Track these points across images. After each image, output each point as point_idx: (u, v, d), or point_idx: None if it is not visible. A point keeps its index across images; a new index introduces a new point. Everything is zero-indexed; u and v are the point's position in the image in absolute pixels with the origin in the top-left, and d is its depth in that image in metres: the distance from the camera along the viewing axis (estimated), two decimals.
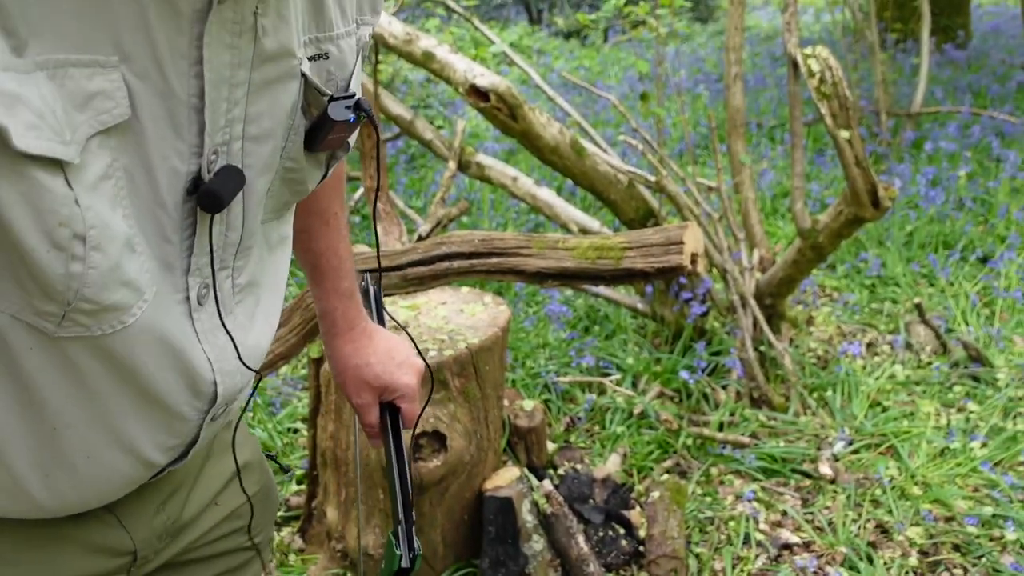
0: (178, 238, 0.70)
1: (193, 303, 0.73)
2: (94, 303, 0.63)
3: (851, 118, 2.44)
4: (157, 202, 0.67)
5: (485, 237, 1.84)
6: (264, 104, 0.71)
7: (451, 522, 2.06)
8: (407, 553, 0.95)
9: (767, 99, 6.42)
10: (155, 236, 0.68)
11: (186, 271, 0.72)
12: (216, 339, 0.76)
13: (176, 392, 0.75)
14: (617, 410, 2.75)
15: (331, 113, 0.77)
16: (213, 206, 0.69)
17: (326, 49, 0.77)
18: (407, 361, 1.07)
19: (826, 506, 2.36)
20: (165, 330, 0.71)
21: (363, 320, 1.09)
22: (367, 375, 1.05)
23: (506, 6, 15.04)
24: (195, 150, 0.67)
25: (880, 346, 3.21)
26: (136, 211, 0.65)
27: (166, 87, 0.63)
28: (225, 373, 0.78)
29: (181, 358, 0.73)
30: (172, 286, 0.71)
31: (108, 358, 0.68)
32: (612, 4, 3.54)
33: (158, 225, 0.68)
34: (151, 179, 0.65)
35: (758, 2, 13.29)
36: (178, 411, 0.76)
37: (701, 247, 1.80)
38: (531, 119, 2.53)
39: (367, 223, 4.47)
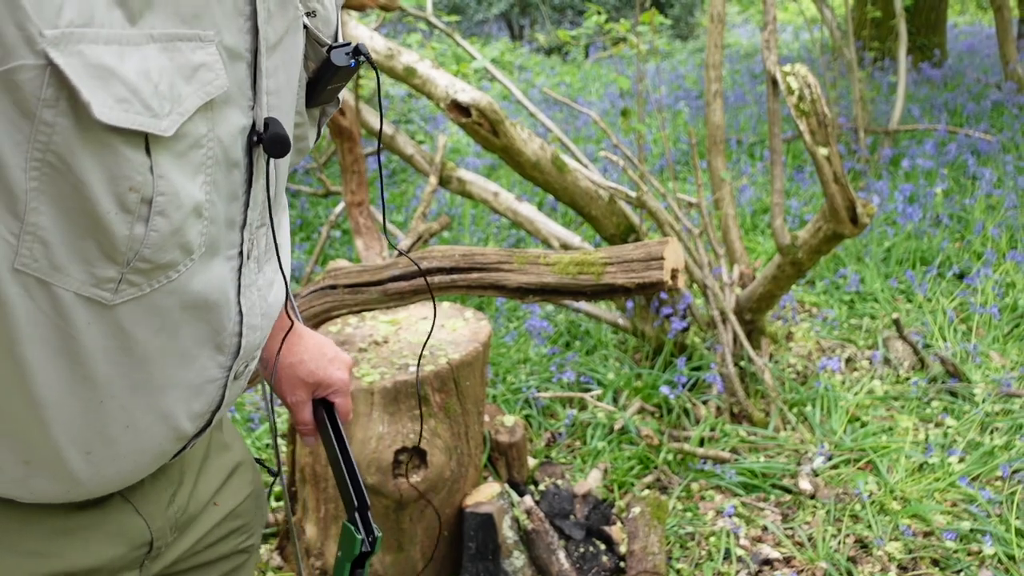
0: (241, 193, 0.74)
1: (245, 257, 0.78)
2: (150, 263, 0.67)
3: (830, 135, 2.46)
4: (234, 162, 0.71)
5: (466, 252, 1.84)
6: (281, 56, 0.75)
7: (431, 539, 2.05)
8: (367, 537, 0.96)
9: (747, 116, 6.47)
10: (229, 196, 0.72)
11: (242, 226, 0.76)
12: (251, 293, 0.81)
13: (202, 344, 0.77)
14: (598, 425, 2.75)
15: (334, 59, 0.82)
16: (281, 150, 0.73)
17: (314, 7, 0.81)
18: (337, 357, 1.09)
19: (806, 521, 2.36)
20: (209, 284, 0.74)
21: (295, 320, 1.11)
22: (300, 372, 1.06)
23: (488, 22, 15.11)
24: (250, 103, 0.72)
25: (859, 361, 3.23)
26: (219, 175, 0.69)
27: (236, 49, 0.68)
28: (250, 327, 0.82)
29: (216, 311, 0.77)
30: (230, 242, 0.75)
31: (154, 314, 0.71)
32: (593, 21, 3.57)
33: (232, 185, 0.72)
34: (233, 141, 0.70)
35: (738, 20, 13.43)
36: (206, 368, 0.79)
37: (681, 263, 1.80)
38: (512, 134, 2.54)
39: (348, 237, 4.46)
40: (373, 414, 1.90)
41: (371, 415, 1.90)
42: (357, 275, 1.88)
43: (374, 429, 1.90)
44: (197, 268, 0.72)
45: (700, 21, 13.69)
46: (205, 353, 0.78)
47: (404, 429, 1.91)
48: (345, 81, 0.86)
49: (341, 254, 4.35)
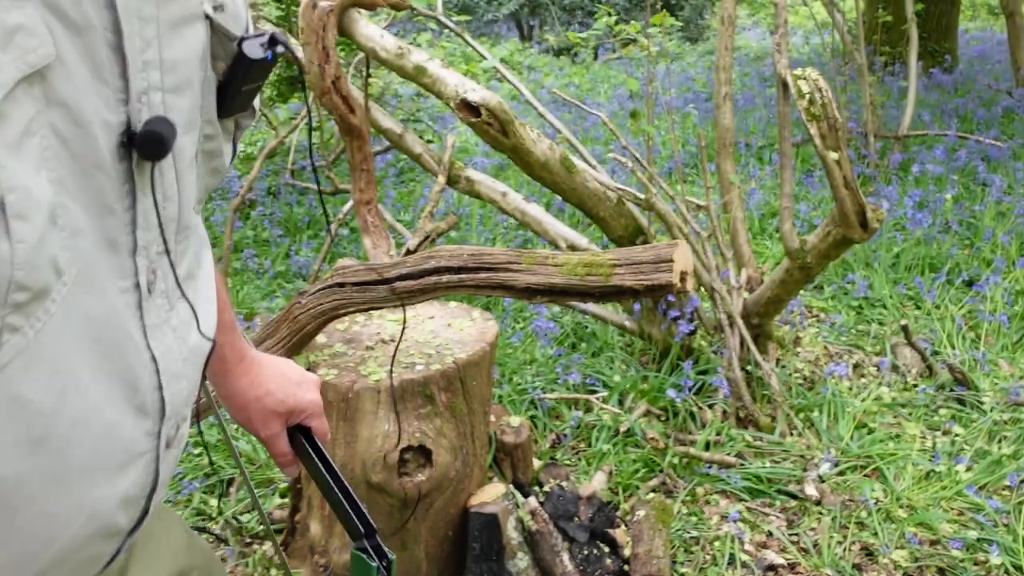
0: (120, 207, 0.62)
1: (143, 290, 0.66)
2: (27, 289, 0.54)
3: (840, 139, 2.45)
4: (95, 163, 0.59)
5: (474, 252, 1.83)
6: (176, 49, 0.65)
7: (435, 538, 2.05)
8: (380, 563, 0.94)
9: (756, 119, 6.46)
10: (95, 206, 0.60)
11: (132, 250, 0.64)
12: (163, 335, 0.69)
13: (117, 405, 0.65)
14: (603, 428, 2.74)
15: (247, 51, 0.72)
16: (155, 151, 0.62)
17: (221, 1, 0.72)
18: (304, 379, 1.04)
19: (811, 527, 2.35)
20: (101, 318, 0.62)
21: (250, 349, 1.03)
22: (270, 403, 1.00)
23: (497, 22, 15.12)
24: (120, 96, 0.60)
25: (866, 368, 3.21)
26: (70, 175, 0.57)
27: (84, 22, 0.56)
28: (171, 376, 0.70)
29: (122, 358, 0.64)
30: (118, 269, 0.63)
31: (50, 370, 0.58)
32: (603, 22, 3.56)
33: (98, 192, 0.60)
34: (85, 134, 0.58)
35: (748, 23, 13.41)
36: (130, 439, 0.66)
37: (691, 265, 1.80)
38: (521, 135, 2.53)
39: (356, 235, 4.46)
40: (379, 412, 1.90)
41: (377, 414, 1.90)
42: (365, 273, 1.87)
43: (380, 428, 1.89)
44: (78, 297, 0.59)
45: (710, 23, 13.68)
46: (126, 418, 0.65)
47: (410, 428, 1.90)
48: (261, 80, 0.76)
49: (349, 253, 4.35)
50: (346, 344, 2.11)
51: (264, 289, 4.08)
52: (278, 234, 4.74)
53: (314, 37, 2.53)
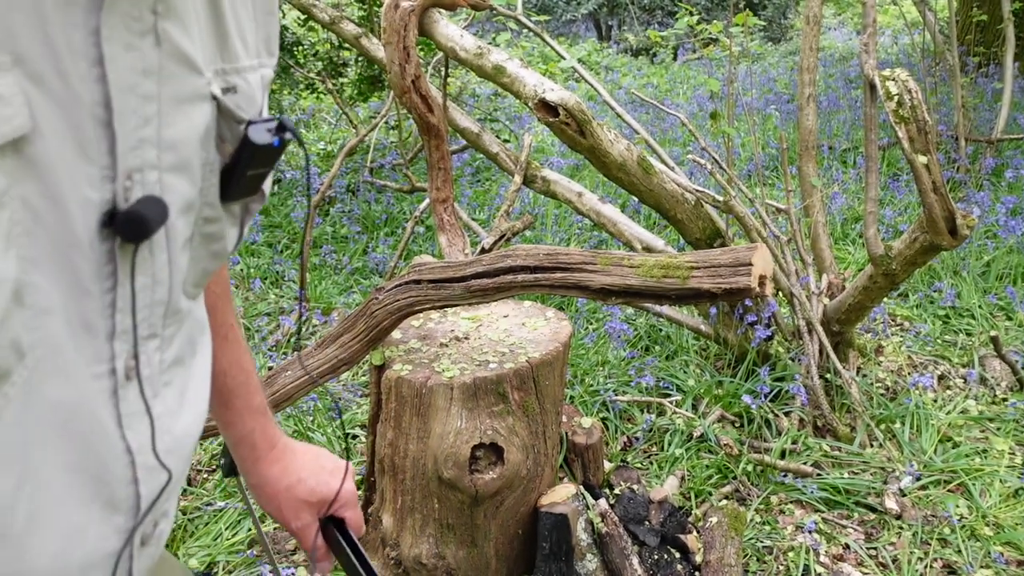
0: (98, 289, 0.57)
1: (120, 377, 0.61)
2: None
3: (929, 143, 2.37)
4: (70, 242, 0.54)
5: (550, 251, 1.83)
6: (179, 128, 0.62)
7: (505, 536, 2.05)
8: None
9: (840, 121, 6.30)
10: (70, 286, 0.55)
11: (111, 334, 0.59)
12: (141, 425, 0.63)
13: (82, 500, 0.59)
14: (676, 432, 2.71)
15: (253, 136, 0.68)
16: (136, 233, 0.57)
17: (234, 83, 0.68)
18: (338, 466, 1.00)
19: (891, 542, 2.28)
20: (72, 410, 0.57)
21: (281, 435, 1.00)
22: (301, 492, 0.97)
23: (576, 22, 15.09)
24: (106, 173, 0.56)
25: (952, 379, 3.10)
26: (42, 253, 0.53)
27: (67, 94, 0.52)
28: (148, 469, 0.64)
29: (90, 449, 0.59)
30: (92, 353, 0.58)
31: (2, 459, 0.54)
32: (684, 22, 3.52)
33: (73, 272, 0.55)
34: (61, 212, 0.53)
35: (833, 23, 13.08)
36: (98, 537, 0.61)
37: (770, 270, 1.76)
38: (599, 135, 2.52)
39: (432, 233, 4.51)
40: (452, 409, 1.91)
41: (450, 410, 1.92)
42: (441, 271, 1.89)
43: (452, 424, 1.91)
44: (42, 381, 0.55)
45: (794, 23, 13.39)
46: (93, 514, 0.60)
47: (482, 425, 1.91)
48: (270, 166, 0.71)
49: (424, 250, 4.40)
50: (421, 340, 2.14)
51: (342, 285, 4.16)
52: (356, 231, 4.82)
53: (395, 37, 2.57)
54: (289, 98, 6.95)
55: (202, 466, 2.69)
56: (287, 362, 2.05)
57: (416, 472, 1.98)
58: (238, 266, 4.35)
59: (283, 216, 5.05)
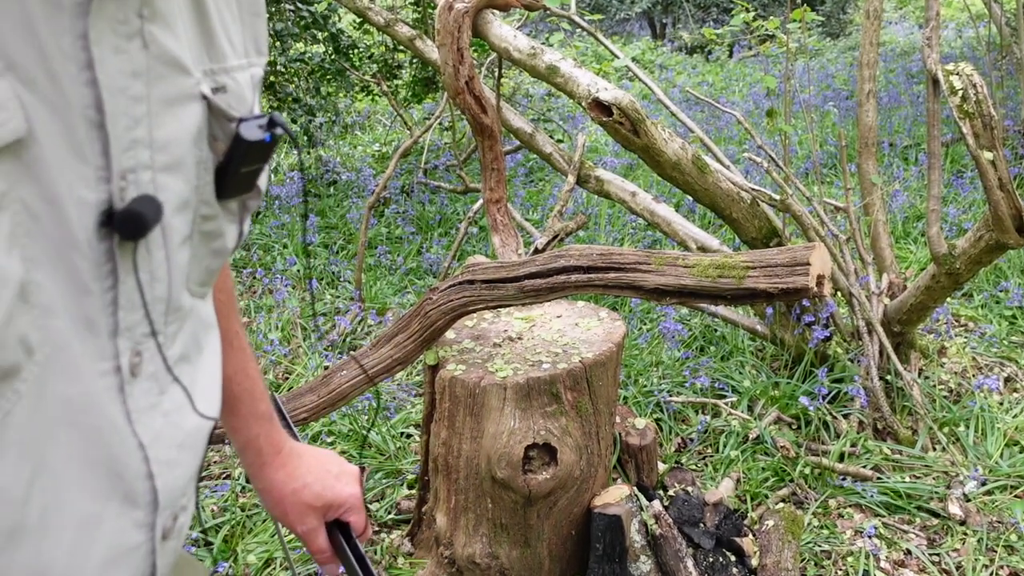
0: (99, 287, 0.59)
1: (125, 374, 0.62)
2: None
3: (995, 138, 2.31)
4: (69, 242, 0.56)
5: (604, 252, 1.83)
6: (169, 128, 0.63)
7: (558, 536, 2.05)
8: None
9: (901, 117, 6.15)
10: (71, 287, 0.57)
11: (113, 332, 0.61)
12: (152, 421, 0.65)
13: (97, 495, 0.61)
14: (731, 434, 2.68)
15: (244, 133, 0.69)
16: (134, 230, 0.59)
17: (223, 82, 0.70)
18: (344, 471, 1.01)
19: (954, 548, 2.23)
20: (76, 403, 0.59)
21: (287, 440, 1.01)
22: (307, 497, 0.98)
23: (629, 21, 15.00)
24: (101, 174, 0.57)
25: (1020, 381, 3.01)
26: (43, 253, 0.55)
27: (59, 98, 0.54)
28: (163, 463, 0.65)
29: (103, 445, 0.60)
30: (97, 351, 0.60)
31: (19, 456, 0.55)
32: (740, 19, 3.47)
33: (73, 272, 0.57)
34: (58, 213, 0.55)
35: (894, 17, 12.80)
36: (118, 532, 0.62)
37: (828, 269, 1.73)
38: (653, 134, 2.51)
39: (485, 234, 4.53)
40: (505, 409, 1.92)
41: (503, 410, 1.92)
42: (494, 271, 1.90)
43: (505, 424, 1.92)
44: (51, 378, 0.56)
45: (853, 18, 13.12)
46: (111, 509, 0.61)
47: (535, 425, 1.92)
48: (263, 162, 0.72)
49: (478, 250, 4.42)
50: (474, 340, 2.15)
51: (396, 285, 4.20)
52: (410, 231, 4.87)
53: (449, 38, 2.58)
54: (345, 100, 7.04)
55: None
56: (342, 362, 2.07)
57: (470, 472, 1.99)
58: (294, 267, 4.43)
59: (339, 217, 5.12)
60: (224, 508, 2.46)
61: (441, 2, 2.63)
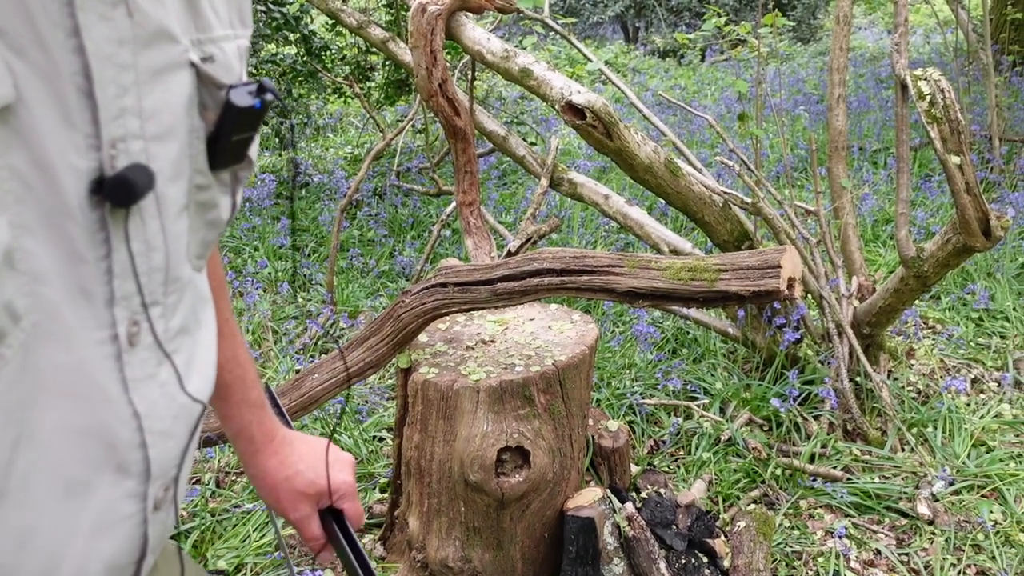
0: (93, 256, 0.59)
1: (123, 343, 0.62)
2: None
3: (962, 143, 2.34)
4: (62, 210, 0.56)
5: (577, 254, 1.83)
6: (157, 97, 0.63)
7: (531, 539, 2.05)
8: None
9: (870, 122, 6.23)
10: (65, 255, 0.57)
11: (109, 301, 0.61)
12: (148, 391, 0.65)
13: (87, 463, 0.61)
14: (703, 435, 2.69)
15: (234, 99, 0.69)
16: (124, 197, 0.59)
17: (210, 52, 0.70)
18: (337, 459, 1.00)
19: (923, 548, 2.25)
20: (74, 375, 0.59)
21: (279, 427, 1.00)
22: (300, 484, 0.97)
23: (602, 24, 15.06)
24: (91, 141, 0.58)
25: (986, 383, 3.05)
26: (35, 220, 0.55)
27: (48, 64, 0.54)
28: (157, 434, 0.66)
29: (95, 413, 0.61)
30: (93, 320, 0.60)
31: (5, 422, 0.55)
32: (712, 23, 3.50)
33: (67, 240, 0.57)
34: (51, 181, 0.55)
35: (863, 22, 12.96)
36: (110, 501, 0.63)
37: (799, 272, 1.75)
38: (626, 137, 2.51)
39: (458, 236, 4.52)
40: (478, 412, 1.92)
41: (476, 413, 1.92)
42: (467, 274, 1.89)
43: (478, 427, 1.91)
44: (41, 345, 0.56)
45: (823, 23, 13.27)
46: (104, 479, 0.62)
47: (508, 428, 1.91)
48: (253, 130, 0.72)
49: (451, 253, 4.41)
50: (447, 343, 2.14)
51: (368, 288, 4.18)
52: (383, 234, 4.85)
53: (422, 41, 2.57)
54: (317, 102, 7.00)
55: (230, 468, 2.71)
56: (314, 365, 2.06)
57: (442, 475, 1.98)
58: (266, 269, 4.39)
59: (311, 220, 5.09)
60: (194, 513, 2.43)
61: (414, 4, 2.62)
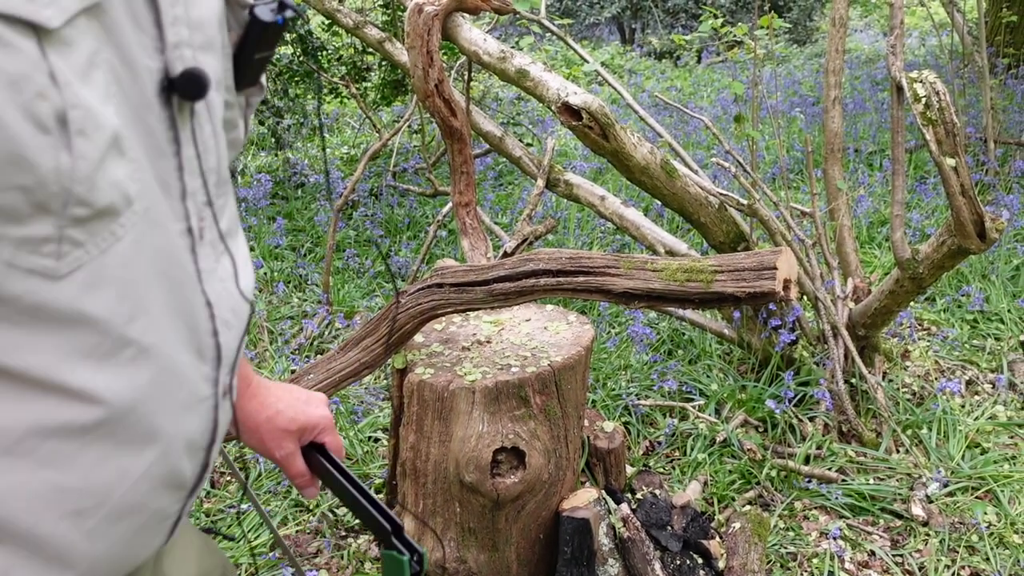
0: (169, 151, 0.65)
1: (196, 235, 0.68)
2: (87, 205, 0.56)
3: (958, 145, 2.34)
4: (145, 104, 0.62)
5: (573, 255, 1.83)
6: (202, 10, 0.68)
7: (526, 540, 2.05)
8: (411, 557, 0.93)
9: (866, 124, 6.24)
10: (151, 147, 0.63)
11: (182, 195, 0.67)
12: (214, 283, 0.71)
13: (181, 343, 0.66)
14: (699, 437, 2.69)
15: (259, 14, 0.74)
16: (195, 90, 0.64)
17: None
18: (312, 397, 1.04)
19: (917, 549, 2.26)
20: (169, 259, 0.65)
21: (255, 374, 1.04)
22: (281, 423, 1.01)
23: (599, 26, 15.07)
24: (157, 44, 0.62)
25: (981, 384, 3.06)
26: (129, 114, 0.60)
27: None
28: (223, 323, 0.72)
29: (185, 298, 0.66)
30: (173, 212, 0.66)
31: (117, 293, 0.60)
32: (709, 25, 3.50)
33: (151, 134, 0.63)
34: (135, 77, 0.61)
35: (859, 25, 12.98)
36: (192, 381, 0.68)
37: (795, 273, 1.75)
38: (622, 139, 2.51)
39: (454, 237, 4.51)
40: (473, 413, 1.91)
41: (471, 414, 1.92)
42: (463, 274, 1.89)
43: (474, 428, 1.91)
44: (147, 229, 0.62)
45: (819, 25, 13.29)
46: (188, 359, 0.68)
47: (504, 429, 1.91)
48: (271, 48, 0.77)
49: (447, 254, 4.41)
50: (443, 344, 2.14)
51: (364, 288, 4.18)
52: (379, 234, 4.84)
53: (419, 41, 2.57)
54: (313, 102, 7.00)
55: (223, 468, 2.71)
56: (310, 365, 2.06)
57: (438, 476, 1.98)
58: (261, 269, 4.38)
59: (306, 220, 5.08)
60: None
61: (411, 5, 2.62)
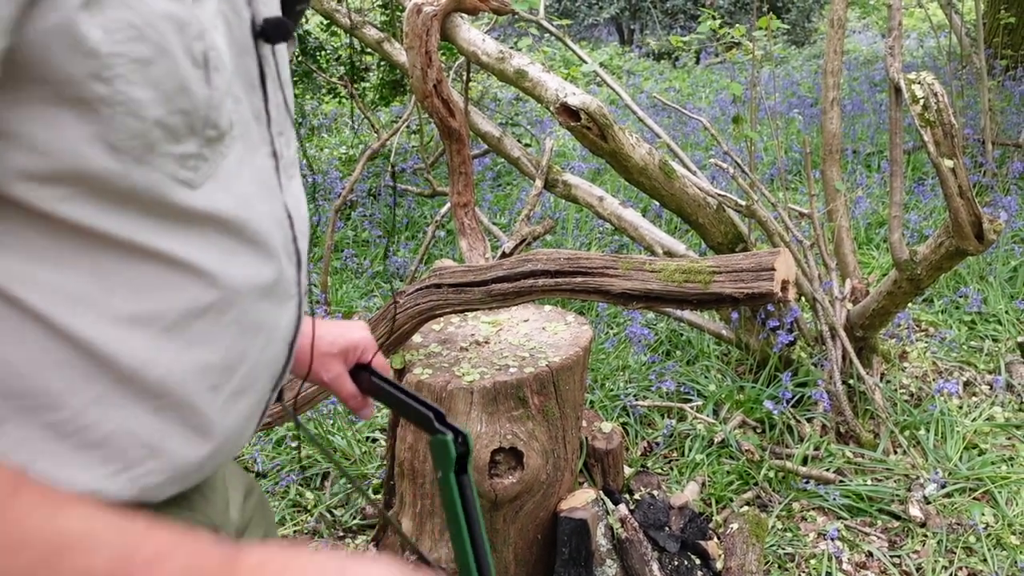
0: (258, 85, 0.74)
1: (279, 156, 0.78)
2: (215, 127, 0.67)
3: (955, 147, 2.35)
4: (244, 46, 0.71)
5: (571, 256, 1.83)
6: None
7: (524, 540, 2.05)
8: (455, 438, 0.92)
9: (864, 125, 6.24)
10: (247, 82, 0.72)
11: (268, 123, 0.76)
12: (290, 196, 0.80)
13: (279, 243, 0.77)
14: (697, 437, 2.69)
15: None
16: (282, 34, 0.73)
17: None
18: (351, 322, 1.08)
19: (915, 550, 2.26)
20: (262, 172, 0.75)
21: None
22: (324, 346, 1.04)
23: (598, 26, 15.07)
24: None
25: (978, 386, 3.06)
26: (236, 54, 0.70)
27: None
28: (300, 232, 0.81)
29: (275, 204, 0.77)
30: (261, 137, 0.75)
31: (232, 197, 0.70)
32: (707, 26, 3.51)
33: (248, 71, 0.72)
34: (240, 20, 0.70)
35: (858, 26, 13.00)
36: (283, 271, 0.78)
37: (792, 274, 1.75)
38: (621, 139, 2.52)
39: (453, 237, 4.51)
40: (472, 413, 1.91)
41: (469, 414, 1.91)
42: (462, 275, 1.89)
43: (472, 428, 1.91)
44: (244, 148, 0.72)
45: (818, 27, 13.30)
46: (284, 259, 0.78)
47: (502, 429, 1.91)
48: (308, 1, 0.86)
49: (445, 254, 4.41)
50: (441, 344, 2.14)
51: (362, 288, 4.18)
52: (377, 235, 4.84)
53: (418, 42, 2.57)
54: (311, 103, 6.99)
55: None
56: None
57: (436, 476, 1.98)
58: None
59: None
60: None
61: (409, 5, 2.61)
